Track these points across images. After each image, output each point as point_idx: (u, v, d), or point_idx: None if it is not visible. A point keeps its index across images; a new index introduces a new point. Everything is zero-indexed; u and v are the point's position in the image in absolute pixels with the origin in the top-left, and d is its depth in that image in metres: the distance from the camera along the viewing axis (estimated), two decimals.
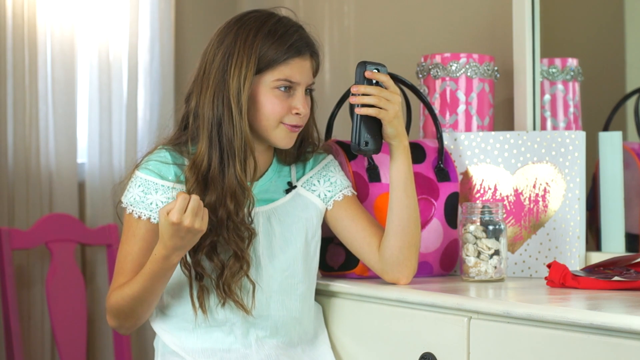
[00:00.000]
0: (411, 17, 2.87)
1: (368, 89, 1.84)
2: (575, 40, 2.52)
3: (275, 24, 1.87)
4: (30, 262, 3.04)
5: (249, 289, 1.86)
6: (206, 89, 1.86)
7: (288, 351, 1.91)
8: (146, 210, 1.85)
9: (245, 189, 1.85)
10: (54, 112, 3.08)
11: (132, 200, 1.86)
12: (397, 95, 1.85)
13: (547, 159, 2.13)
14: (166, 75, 3.26)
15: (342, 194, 1.98)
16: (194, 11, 3.41)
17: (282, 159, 1.98)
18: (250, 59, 1.84)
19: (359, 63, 1.86)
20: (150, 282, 1.80)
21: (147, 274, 1.79)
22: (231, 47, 1.85)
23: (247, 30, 1.86)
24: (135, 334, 3.20)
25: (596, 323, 1.48)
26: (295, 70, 1.87)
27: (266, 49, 1.85)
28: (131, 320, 1.87)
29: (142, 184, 1.86)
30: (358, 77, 1.86)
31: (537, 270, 2.12)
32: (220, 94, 1.84)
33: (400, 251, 1.91)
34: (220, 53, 1.86)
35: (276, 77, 1.86)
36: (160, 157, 1.88)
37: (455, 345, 1.72)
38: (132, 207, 1.86)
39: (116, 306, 1.85)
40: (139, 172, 1.87)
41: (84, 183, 3.17)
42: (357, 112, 1.84)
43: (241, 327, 1.87)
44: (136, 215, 1.85)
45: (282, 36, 1.86)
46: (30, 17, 3.03)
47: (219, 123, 1.84)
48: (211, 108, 1.84)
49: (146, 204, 1.85)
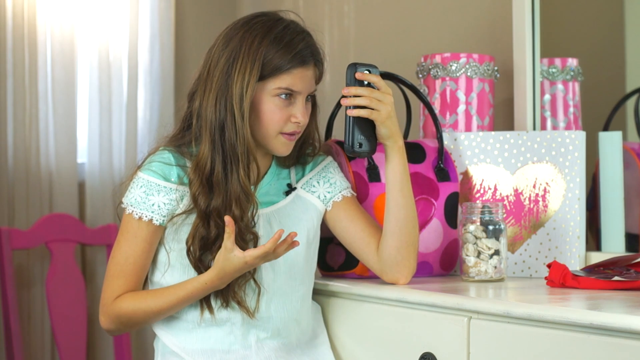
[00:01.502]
0: (411, 17, 2.87)
1: (359, 90, 1.83)
2: (575, 40, 2.52)
3: (282, 31, 1.86)
4: (30, 262, 3.04)
5: (254, 290, 1.86)
6: (209, 91, 1.85)
7: (288, 352, 1.90)
8: (147, 212, 1.85)
9: (249, 194, 1.85)
10: (54, 112, 3.08)
11: (133, 200, 1.85)
12: (389, 95, 1.85)
13: (547, 159, 2.13)
14: (166, 75, 3.26)
15: (342, 195, 1.98)
16: (194, 11, 3.41)
17: (282, 162, 1.97)
18: (255, 65, 1.83)
19: (349, 65, 1.85)
20: (183, 303, 1.82)
21: (183, 296, 1.81)
22: (236, 51, 1.84)
23: (254, 35, 1.85)
24: (135, 334, 3.20)
25: (596, 323, 1.48)
26: (297, 80, 1.86)
27: (271, 56, 1.84)
28: (134, 328, 1.88)
29: (145, 185, 1.86)
30: (349, 79, 1.85)
31: (537, 270, 2.12)
32: (223, 97, 1.83)
33: (398, 251, 1.91)
34: (225, 56, 1.85)
35: (278, 85, 1.85)
36: (164, 158, 1.87)
37: (455, 345, 1.72)
38: (132, 208, 1.85)
39: (126, 315, 1.84)
40: (141, 173, 1.87)
41: (84, 183, 3.17)
42: (349, 114, 1.84)
43: (241, 327, 1.87)
44: (136, 215, 1.85)
45: (288, 44, 1.85)
46: (30, 17, 3.03)
47: (222, 127, 1.83)
48: (214, 111, 1.84)
49: (148, 205, 1.85)
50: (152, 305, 1.82)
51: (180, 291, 1.81)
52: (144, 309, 1.83)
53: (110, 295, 1.86)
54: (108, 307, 1.86)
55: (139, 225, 1.85)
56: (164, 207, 1.84)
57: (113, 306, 1.85)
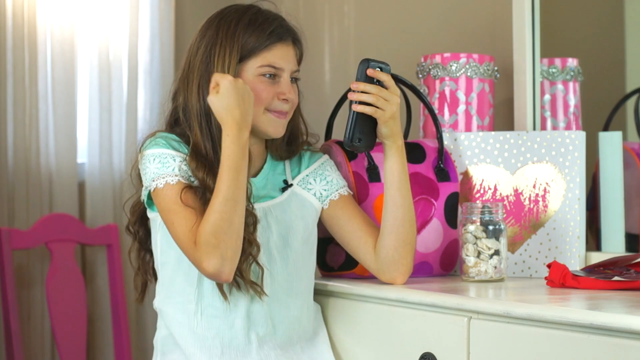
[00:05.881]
0: (411, 17, 2.87)
1: (367, 87, 1.84)
2: (575, 40, 2.53)
3: (255, 14, 1.90)
4: (30, 262, 3.04)
5: (258, 273, 1.86)
6: (192, 82, 1.88)
7: (287, 350, 1.90)
8: (171, 177, 1.82)
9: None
10: (54, 112, 3.08)
11: (154, 175, 1.83)
12: (396, 96, 1.85)
13: (547, 159, 2.13)
14: (166, 75, 3.26)
15: (339, 193, 1.98)
16: (194, 11, 3.41)
17: (275, 154, 1.98)
18: (233, 47, 1.86)
19: (362, 60, 1.86)
20: (234, 172, 1.76)
21: (227, 165, 1.77)
22: (213, 39, 1.88)
23: (229, 21, 1.88)
24: (135, 334, 3.20)
25: (596, 323, 1.48)
26: (277, 56, 1.88)
27: (247, 37, 1.87)
28: (230, 241, 1.76)
29: (157, 156, 1.85)
30: (359, 74, 1.86)
31: (537, 270, 2.12)
32: (206, 84, 1.85)
33: (395, 250, 1.91)
34: (203, 45, 1.89)
35: (260, 64, 1.87)
36: (166, 136, 1.88)
37: (455, 345, 1.72)
38: (156, 182, 1.83)
39: (212, 227, 1.75)
40: (148, 150, 1.86)
41: (84, 183, 3.17)
42: (354, 109, 1.84)
43: (243, 321, 1.86)
44: (162, 184, 1.81)
45: (262, 24, 1.88)
46: (30, 17, 3.03)
47: (207, 113, 1.85)
48: (197, 100, 1.87)
49: (169, 171, 1.83)
50: (215, 198, 1.76)
51: (223, 166, 1.78)
52: (213, 209, 1.76)
53: (194, 233, 1.79)
54: (198, 240, 1.77)
55: (174, 191, 1.81)
56: (183, 170, 1.84)
57: (200, 236, 1.76)
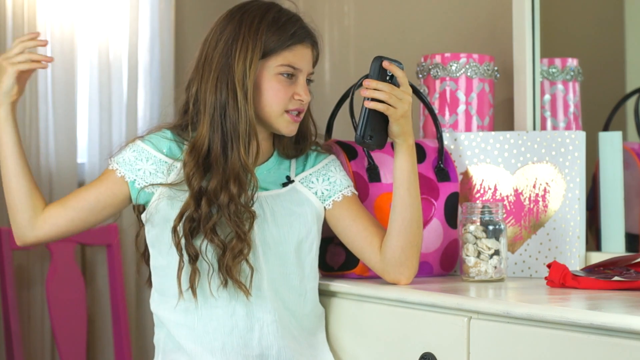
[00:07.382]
0: (411, 17, 2.87)
1: (380, 85, 1.84)
2: (575, 40, 2.53)
3: (278, 12, 1.91)
4: (30, 262, 3.04)
5: (247, 274, 1.86)
6: (208, 74, 1.88)
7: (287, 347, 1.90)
8: (130, 173, 1.90)
9: (249, 171, 1.86)
10: (54, 112, 3.08)
11: (121, 160, 1.92)
12: (409, 95, 1.86)
13: (547, 159, 2.13)
14: (166, 75, 3.27)
15: (342, 195, 1.98)
16: (194, 11, 3.41)
17: (282, 152, 1.98)
18: (256, 43, 1.87)
19: (375, 57, 1.86)
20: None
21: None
22: (236, 32, 1.88)
23: (252, 16, 1.89)
24: (135, 334, 3.20)
25: (596, 323, 1.48)
26: (298, 57, 1.90)
27: (270, 35, 1.88)
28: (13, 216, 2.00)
29: (137, 150, 1.91)
30: (372, 71, 1.85)
31: (537, 270, 2.12)
32: (225, 78, 1.86)
33: (402, 251, 1.91)
34: (224, 38, 1.88)
35: (280, 63, 1.89)
36: (163, 134, 1.93)
37: (455, 345, 1.72)
38: (117, 166, 1.92)
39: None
40: (138, 141, 1.93)
41: (84, 183, 3.17)
42: (366, 106, 1.84)
43: (242, 311, 1.86)
44: (119, 174, 1.91)
45: (286, 24, 1.89)
46: (30, 17, 3.03)
47: (223, 107, 1.86)
48: (214, 92, 1.86)
49: (133, 169, 1.90)
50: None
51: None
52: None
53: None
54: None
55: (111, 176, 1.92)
56: (148, 176, 1.89)
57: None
